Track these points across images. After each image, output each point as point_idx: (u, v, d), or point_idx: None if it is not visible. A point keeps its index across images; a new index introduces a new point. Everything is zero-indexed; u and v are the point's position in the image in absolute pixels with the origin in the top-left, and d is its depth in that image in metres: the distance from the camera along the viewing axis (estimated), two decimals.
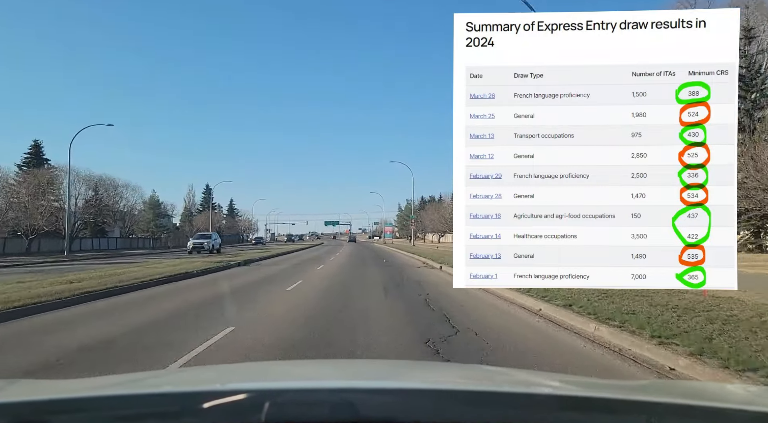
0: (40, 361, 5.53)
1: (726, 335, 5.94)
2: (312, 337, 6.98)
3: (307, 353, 5.91)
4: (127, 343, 6.73)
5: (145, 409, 1.01)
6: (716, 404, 1.10)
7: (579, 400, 1.10)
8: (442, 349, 6.21)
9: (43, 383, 1.64)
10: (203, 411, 0.93)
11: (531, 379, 1.49)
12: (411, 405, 1.02)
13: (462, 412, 0.98)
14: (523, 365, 5.22)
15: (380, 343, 6.59)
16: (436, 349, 6.19)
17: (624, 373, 5.16)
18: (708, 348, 5.39)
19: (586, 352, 6.13)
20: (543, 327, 7.81)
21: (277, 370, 1.95)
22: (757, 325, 6.55)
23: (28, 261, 29.61)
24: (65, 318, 8.80)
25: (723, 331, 6.19)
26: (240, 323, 7.94)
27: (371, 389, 1.15)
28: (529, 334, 7.39)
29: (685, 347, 5.48)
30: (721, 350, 5.28)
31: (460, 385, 1.31)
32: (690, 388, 1.56)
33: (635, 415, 1.00)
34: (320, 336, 7.03)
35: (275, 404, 0.92)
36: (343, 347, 6.35)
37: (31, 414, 0.99)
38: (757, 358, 5.00)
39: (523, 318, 8.69)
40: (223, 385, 1.26)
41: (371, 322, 8.17)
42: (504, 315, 9.05)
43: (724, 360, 4.99)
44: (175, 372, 2.72)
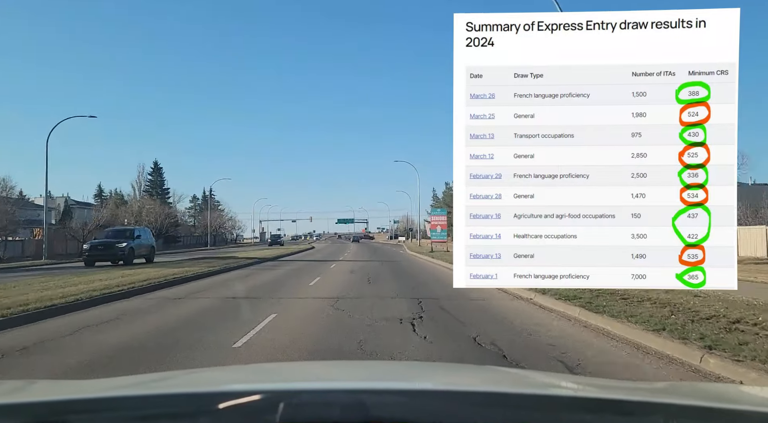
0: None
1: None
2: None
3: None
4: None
5: (160, 410, 1.00)
6: (733, 406, 1.09)
7: (594, 401, 1.09)
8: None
9: (62, 383, 1.63)
10: (218, 411, 0.92)
11: (545, 381, 1.48)
12: (424, 406, 1.01)
13: (475, 413, 0.97)
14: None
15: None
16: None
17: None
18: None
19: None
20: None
21: (292, 370, 1.94)
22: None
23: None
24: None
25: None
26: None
27: (384, 390, 1.14)
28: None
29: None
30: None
31: (472, 387, 1.30)
32: (706, 390, 1.55)
33: (651, 416, 0.99)
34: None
35: (290, 405, 0.92)
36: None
37: (49, 414, 0.99)
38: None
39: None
40: (238, 385, 1.25)
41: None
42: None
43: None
44: (190, 372, 2.71)
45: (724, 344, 6.52)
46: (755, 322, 7.91)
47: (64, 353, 7.13)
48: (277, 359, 6.77)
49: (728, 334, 7.10)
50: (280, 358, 6.80)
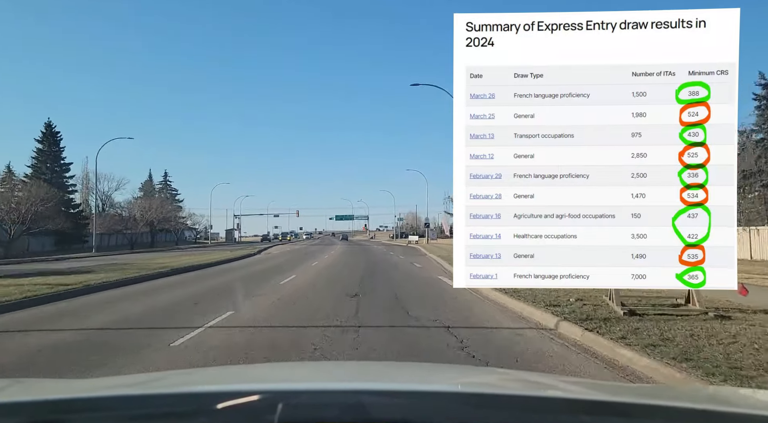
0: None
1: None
2: None
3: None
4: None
5: (159, 410, 1.00)
6: (734, 409, 1.09)
7: (591, 403, 1.10)
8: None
9: (54, 382, 1.63)
10: (217, 411, 0.92)
11: (543, 382, 1.49)
12: (422, 407, 1.01)
13: (473, 414, 0.97)
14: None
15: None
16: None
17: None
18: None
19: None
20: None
21: (290, 370, 1.95)
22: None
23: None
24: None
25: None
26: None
27: (383, 391, 1.14)
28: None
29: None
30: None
31: (470, 388, 1.31)
32: (702, 393, 1.56)
33: (648, 419, 0.99)
34: None
35: (288, 405, 0.92)
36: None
37: (47, 413, 0.98)
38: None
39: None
40: (237, 385, 1.25)
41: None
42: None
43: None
44: (188, 372, 2.71)
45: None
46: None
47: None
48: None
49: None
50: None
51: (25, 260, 25.89)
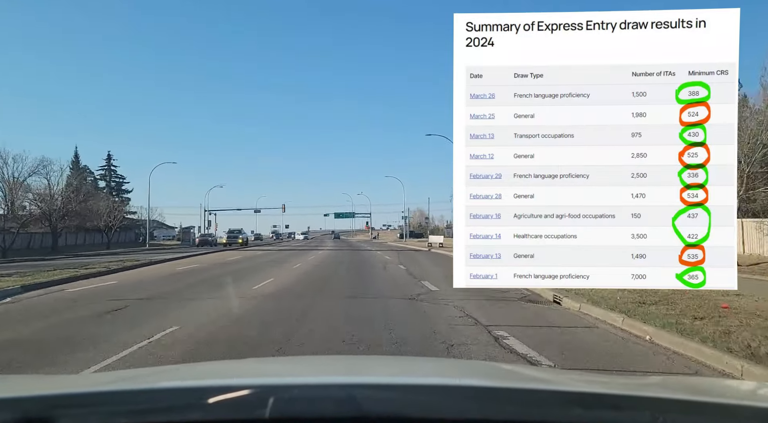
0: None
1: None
2: None
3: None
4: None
5: (151, 404, 1.01)
6: (722, 400, 1.09)
7: (583, 395, 1.10)
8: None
9: (35, 378, 1.63)
10: (209, 406, 0.93)
11: (536, 375, 1.49)
12: (415, 400, 1.01)
13: (466, 407, 0.98)
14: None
15: None
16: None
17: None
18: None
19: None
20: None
21: (282, 365, 1.95)
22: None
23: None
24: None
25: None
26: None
27: (376, 385, 1.14)
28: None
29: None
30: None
31: (464, 381, 1.31)
32: (695, 385, 1.56)
33: (640, 411, 1.00)
34: None
35: (280, 399, 0.92)
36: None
37: (37, 409, 0.98)
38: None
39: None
40: (228, 380, 1.26)
41: None
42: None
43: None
44: (180, 367, 2.72)
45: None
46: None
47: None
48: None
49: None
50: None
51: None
